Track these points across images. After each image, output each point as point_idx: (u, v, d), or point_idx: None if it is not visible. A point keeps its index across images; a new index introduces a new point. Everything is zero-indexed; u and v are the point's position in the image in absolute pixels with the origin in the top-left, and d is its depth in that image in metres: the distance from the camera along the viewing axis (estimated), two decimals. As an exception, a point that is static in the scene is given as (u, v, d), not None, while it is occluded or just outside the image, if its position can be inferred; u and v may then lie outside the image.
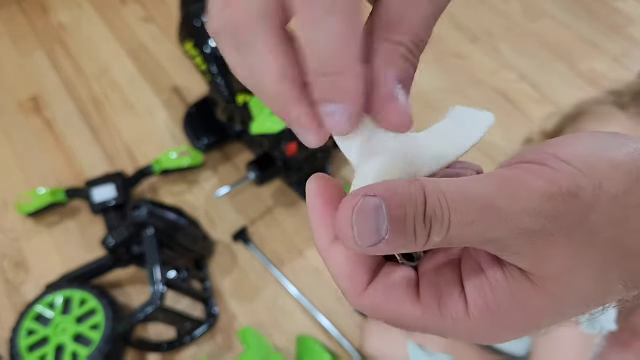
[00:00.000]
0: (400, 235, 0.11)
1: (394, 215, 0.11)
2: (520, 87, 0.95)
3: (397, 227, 0.11)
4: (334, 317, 0.69)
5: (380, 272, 0.13)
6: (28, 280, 0.75)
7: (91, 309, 0.65)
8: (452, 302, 0.12)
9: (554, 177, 0.11)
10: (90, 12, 1.13)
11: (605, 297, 0.12)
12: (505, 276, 0.12)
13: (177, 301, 0.70)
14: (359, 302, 0.13)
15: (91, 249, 0.77)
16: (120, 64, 1.03)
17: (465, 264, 0.13)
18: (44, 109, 0.96)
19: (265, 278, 0.73)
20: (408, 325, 0.13)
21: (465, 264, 0.13)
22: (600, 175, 0.11)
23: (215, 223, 0.80)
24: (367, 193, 0.11)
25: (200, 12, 0.75)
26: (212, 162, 0.87)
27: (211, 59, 0.74)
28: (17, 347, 0.62)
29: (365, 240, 0.11)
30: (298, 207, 0.80)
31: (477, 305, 0.12)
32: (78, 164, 0.88)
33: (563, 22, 1.04)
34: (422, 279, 0.13)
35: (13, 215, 0.82)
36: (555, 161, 0.11)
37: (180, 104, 0.95)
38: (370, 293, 0.13)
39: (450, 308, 0.12)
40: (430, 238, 0.11)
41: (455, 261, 0.13)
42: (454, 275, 0.13)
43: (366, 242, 0.11)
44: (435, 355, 0.53)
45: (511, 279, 0.12)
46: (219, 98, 0.76)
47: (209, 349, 0.68)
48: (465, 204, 0.11)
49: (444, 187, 0.11)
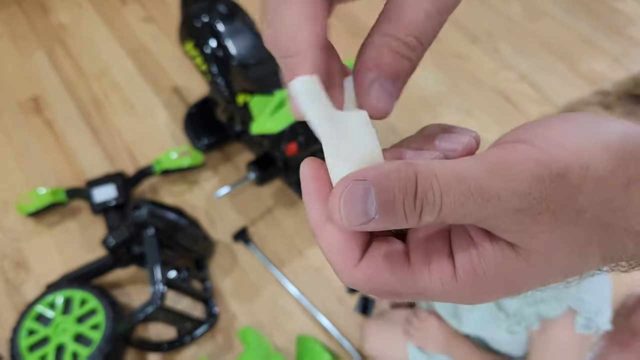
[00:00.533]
0: (390, 216, 0.11)
1: (382, 199, 0.11)
2: (520, 87, 0.95)
3: (385, 209, 0.11)
4: (333, 317, 0.69)
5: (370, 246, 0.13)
6: (28, 280, 0.75)
7: (91, 308, 0.65)
8: (441, 266, 0.13)
9: (543, 159, 0.11)
10: (90, 12, 1.13)
11: (582, 268, 0.13)
12: (493, 246, 0.12)
13: (177, 301, 0.70)
14: (352, 276, 0.13)
15: (91, 248, 0.77)
16: (120, 64, 1.03)
17: (454, 233, 0.13)
18: (44, 109, 0.96)
19: (265, 278, 0.73)
20: (400, 292, 0.13)
21: (455, 233, 0.13)
22: (588, 157, 0.12)
23: (216, 223, 0.80)
24: (357, 177, 0.11)
25: (200, 13, 0.75)
26: (212, 162, 0.87)
27: (211, 59, 0.74)
28: (17, 346, 0.62)
29: (353, 221, 0.11)
30: (298, 207, 0.81)
31: (465, 269, 0.12)
32: (78, 164, 0.88)
33: (563, 22, 1.04)
34: (412, 247, 0.13)
35: (13, 215, 0.82)
36: (545, 142, 0.12)
37: (181, 104, 0.95)
38: (362, 266, 0.13)
39: (440, 272, 0.13)
40: (422, 218, 0.11)
41: (445, 231, 0.13)
42: (443, 243, 0.13)
43: (354, 222, 0.11)
44: (434, 357, 0.53)
45: (498, 249, 0.12)
46: (219, 98, 0.76)
47: (209, 349, 0.68)
48: (457, 186, 0.11)
49: (436, 169, 0.11)
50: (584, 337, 0.39)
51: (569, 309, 0.39)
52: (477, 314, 0.47)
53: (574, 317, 0.39)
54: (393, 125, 0.89)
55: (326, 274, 0.74)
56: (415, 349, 0.55)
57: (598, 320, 0.38)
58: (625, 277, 0.64)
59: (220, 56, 0.74)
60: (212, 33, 0.74)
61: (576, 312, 0.39)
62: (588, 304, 0.38)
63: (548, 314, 0.39)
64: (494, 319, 0.45)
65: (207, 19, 0.74)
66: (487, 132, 0.88)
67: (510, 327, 0.43)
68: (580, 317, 0.38)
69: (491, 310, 0.45)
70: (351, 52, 0.58)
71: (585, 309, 0.38)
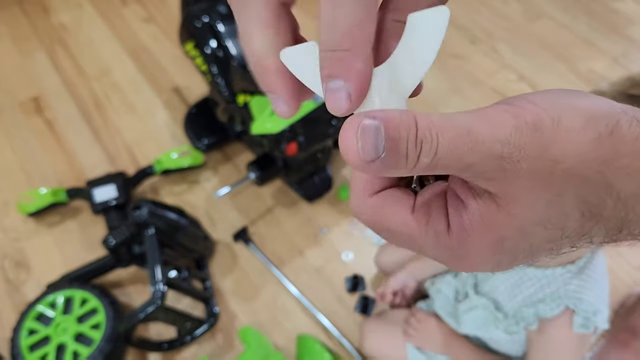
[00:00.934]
0: (395, 153, 0.13)
1: (390, 135, 0.12)
2: (520, 87, 0.95)
3: (392, 145, 0.12)
4: (333, 316, 0.69)
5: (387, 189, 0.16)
6: (29, 280, 0.75)
7: (92, 308, 0.65)
8: (437, 220, 0.15)
9: (520, 113, 0.13)
10: (91, 12, 1.13)
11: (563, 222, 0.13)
12: (477, 201, 0.14)
13: (178, 301, 0.71)
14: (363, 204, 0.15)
15: (92, 248, 0.78)
16: (121, 65, 1.03)
17: (449, 195, 0.15)
18: (45, 109, 0.97)
19: (266, 277, 0.73)
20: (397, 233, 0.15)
21: (449, 195, 0.15)
22: (559, 112, 0.13)
23: (216, 223, 0.80)
24: (368, 116, 0.12)
25: (200, 13, 0.75)
26: (212, 162, 0.87)
27: (211, 59, 0.74)
28: (18, 346, 0.63)
29: (367, 154, 0.12)
30: (298, 207, 0.81)
31: (455, 224, 0.14)
32: (79, 164, 0.89)
33: (562, 22, 1.05)
34: (418, 201, 0.15)
35: (14, 215, 0.82)
36: (522, 101, 0.13)
37: (181, 104, 0.96)
38: (374, 198, 0.15)
39: (436, 224, 0.15)
40: (420, 159, 0.13)
41: (443, 193, 0.15)
42: (441, 202, 0.15)
43: (367, 156, 0.12)
44: (433, 357, 0.54)
45: (481, 202, 0.14)
46: (220, 98, 0.76)
47: (210, 348, 0.68)
48: (450, 129, 0.12)
49: (432, 117, 0.13)
50: (582, 337, 0.40)
51: (567, 309, 0.39)
52: (475, 314, 0.47)
53: (572, 316, 0.39)
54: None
55: (326, 273, 0.74)
56: (414, 349, 0.55)
57: (596, 319, 0.38)
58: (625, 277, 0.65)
59: (221, 56, 0.74)
60: (213, 33, 0.74)
61: (574, 312, 0.39)
62: (586, 304, 0.39)
63: (546, 313, 0.40)
64: (492, 319, 0.45)
65: (208, 19, 0.74)
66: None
67: (508, 327, 0.43)
68: (578, 317, 0.38)
69: (489, 310, 0.45)
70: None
71: (583, 308, 0.38)
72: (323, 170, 0.80)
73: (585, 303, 0.39)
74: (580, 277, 0.40)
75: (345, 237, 0.77)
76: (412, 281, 0.61)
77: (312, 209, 0.80)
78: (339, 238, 0.77)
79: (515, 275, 0.43)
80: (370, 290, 0.71)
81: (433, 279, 0.57)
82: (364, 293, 0.70)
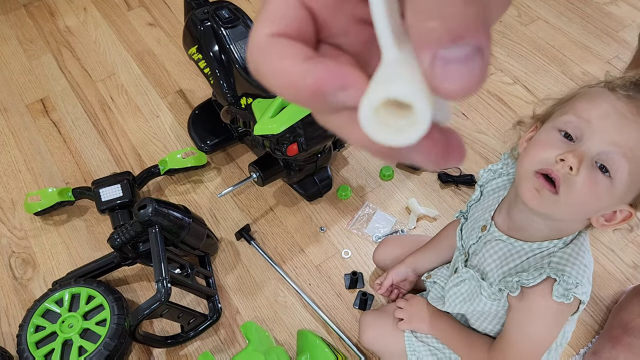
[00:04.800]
0: None
1: None
2: (514, 90, 0.97)
3: None
4: (333, 312, 0.70)
5: None
6: (36, 277, 0.77)
7: (98, 305, 0.67)
8: None
9: None
10: (97, 16, 1.16)
11: None
12: None
13: (182, 297, 0.72)
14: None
15: (98, 246, 0.79)
16: (126, 67, 1.05)
17: None
18: (51, 111, 0.98)
19: (267, 274, 0.75)
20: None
21: None
22: None
23: (219, 221, 0.82)
24: None
25: (203, 17, 0.77)
26: (216, 163, 0.89)
27: (214, 62, 0.76)
28: (24, 342, 0.64)
29: None
30: (299, 206, 0.82)
31: None
32: (85, 165, 0.90)
33: (556, 26, 1.07)
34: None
35: (21, 213, 0.84)
36: None
37: (185, 106, 0.98)
38: None
39: None
40: None
41: None
42: None
43: None
44: (429, 344, 0.55)
45: None
46: (223, 100, 0.78)
47: (213, 343, 0.69)
48: None
49: None
50: (560, 306, 0.40)
51: (549, 278, 0.39)
52: (462, 287, 0.48)
53: (552, 285, 0.39)
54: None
55: (326, 270, 0.75)
56: (412, 337, 0.56)
57: (577, 291, 0.39)
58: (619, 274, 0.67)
59: (223, 59, 0.76)
60: (215, 37, 0.76)
61: (555, 281, 0.39)
62: (568, 275, 0.39)
63: (528, 282, 0.40)
64: (478, 287, 0.46)
65: (210, 23, 0.76)
66: (482, 134, 0.91)
67: (492, 294, 0.44)
68: (558, 286, 0.39)
69: (475, 279, 0.46)
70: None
71: (565, 279, 0.39)
72: (323, 170, 0.81)
73: (567, 274, 0.39)
74: (565, 251, 0.40)
75: (344, 235, 0.78)
76: (411, 274, 0.62)
77: (313, 208, 0.82)
78: (339, 236, 0.78)
79: (504, 248, 0.44)
80: (369, 286, 0.73)
81: (430, 272, 0.59)
82: (362, 289, 0.72)
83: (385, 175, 0.84)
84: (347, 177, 0.85)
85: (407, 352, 0.55)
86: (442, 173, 0.84)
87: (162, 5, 1.17)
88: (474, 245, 0.47)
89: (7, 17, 1.16)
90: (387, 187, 0.83)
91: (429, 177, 0.85)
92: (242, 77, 0.72)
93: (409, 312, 0.57)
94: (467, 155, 0.87)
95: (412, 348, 0.56)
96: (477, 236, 0.47)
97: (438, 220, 0.79)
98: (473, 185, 0.83)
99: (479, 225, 0.47)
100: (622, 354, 0.61)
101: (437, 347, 0.55)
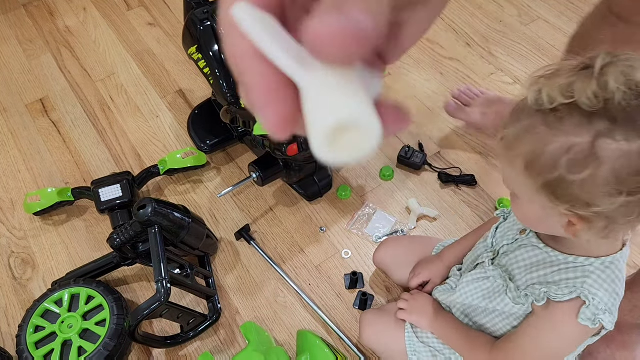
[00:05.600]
0: None
1: None
2: (514, 90, 0.97)
3: None
4: (333, 312, 0.70)
5: None
6: (35, 278, 0.77)
7: (97, 305, 0.67)
8: None
9: None
10: (96, 16, 1.16)
11: None
12: None
13: (182, 297, 0.72)
14: None
15: (98, 247, 0.79)
16: (125, 67, 1.05)
17: None
18: (51, 111, 0.98)
19: (267, 274, 0.75)
20: None
21: None
22: None
23: (219, 221, 0.82)
24: None
25: (203, 17, 0.77)
26: (215, 163, 0.89)
27: (214, 62, 0.76)
28: (24, 342, 0.64)
29: None
30: (299, 206, 0.82)
31: None
32: (85, 165, 0.90)
33: (556, 25, 1.07)
34: None
35: (21, 213, 0.84)
36: None
37: (185, 106, 0.98)
38: None
39: None
40: None
41: None
42: None
43: None
44: (429, 342, 0.55)
45: None
46: (222, 100, 0.78)
47: (212, 344, 0.69)
48: None
49: None
50: (583, 330, 0.39)
51: (578, 298, 0.38)
52: (485, 284, 0.47)
53: (580, 307, 0.38)
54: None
55: (326, 271, 0.75)
56: (413, 337, 0.56)
57: (604, 318, 0.38)
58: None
59: (223, 59, 0.76)
60: (215, 37, 0.76)
61: (584, 304, 0.38)
62: (599, 300, 0.38)
63: (557, 297, 0.39)
64: (504, 288, 0.45)
65: (210, 23, 0.76)
66: (483, 133, 0.91)
67: (517, 297, 0.43)
68: (587, 310, 0.38)
69: (503, 279, 0.45)
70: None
71: (595, 304, 0.38)
72: (323, 170, 0.81)
73: (598, 300, 0.38)
74: (601, 275, 0.39)
75: (344, 235, 0.78)
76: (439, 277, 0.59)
77: (312, 208, 0.82)
78: (339, 236, 0.78)
79: (539, 255, 0.43)
80: (369, 287, 0.73)
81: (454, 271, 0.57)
82: (362, 290, 0.72)
83: (385, 175, 0.84)
84: (347, 177, 0.85)
85: (407, 352, 0.55)
86: (443, 173, 0.83)
87: (161, 5, 1.17)
88: (507, 246, 0.47)
89: (6, 17, 1.16)
90: (387, 187, 0.83)
91: (429, 177, 0.85)
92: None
93: (411, 304, 0.56)
94: (467, 157, 0.87)
95: (412, 348, 0.56)
96: (514, 238, 0.46)
97: (438, 220, 0.79)
98: (473, 185, 0.83)
99: (519, 228, 0.46)
100: (617, 352, 0.60)
101: (438, 349, 0.54)
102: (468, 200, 0.82)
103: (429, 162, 0.85)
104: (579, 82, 0.30)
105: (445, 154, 0.87)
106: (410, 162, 0.84)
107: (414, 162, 0.83)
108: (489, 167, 0.85)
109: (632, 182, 0.31)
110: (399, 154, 0.85)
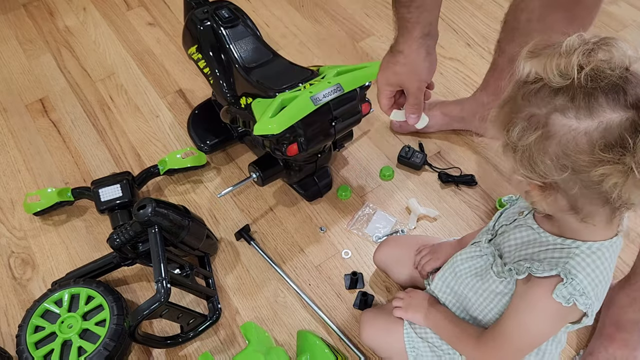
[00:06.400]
0: None
1: None
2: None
3: None
4: (333, 312, 0.70)
5: None
6: (35, 278, 0.77)
7: (97, 305, 0.67)
8: None
9: None
10: (96, 16, 1.16)
11: None
12: None
13: (182, 297, 0.72)
14: None
15: (97, 247, 0.79)
16: (125, 67, 1.05)
17: None
18: (51, 111, 0.98)
19: (267, 274, 0.75)
20: None
21: None
22: None
23: (219, 221, 0.82)
24: None
25: (203, 17, 0.77)
26: (215, 163, 0.89)
27: (214, 62, 0.76)
28: (23, 343, 0.64)
29: None
30: (299, 206, 0.82)
31: None
32: (84, 165, 0.90)
33: (557, 26, 1.07)
34: None
35: (21, 214, 0.84)
36: None
37: (185, 106, 0.98)
38: None
39: None
40: None
41: None
42: None
43: None
44: (428, 339, 0.55)
45: None
46: (222, 100, 0.78)
47: (212, 344, 0.69)
48: None
49: None
50: (556, 308, 0.39)
51: (557, 276, 0.39)
52: (477, 262, 0.49)
53: (557, 283, 0.39)
54: (391, 127, 0.91)
55: (326, 271, 0.75)
56: (411, 333, 0.56)
57: (579, 299, 0.38)
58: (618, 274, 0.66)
59: (223, 59, 0.76)
60: (215, 37, 0.76)
61: (562, 281, 0.39)
62: (577, 282, 0.38)
63: (537, 272, 0.40)
64: (491, 264, 0.46)
65: (210, 23, 0.76)
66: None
67: (501, 272, 0.44)
68: (562, 287, 0.39)
69: (492, 255, 0.47)
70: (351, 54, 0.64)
71: (573, 284, 0.38)
72: (323, 170, 0.81)
73: (577, 281, 0.38)
74: (585, 259, 0.39)
75: (344, 235, 0.78)
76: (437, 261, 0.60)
77: (313, 208, 0.82)
78: (339, 236, 0.78)
79: (531, 235, 0.44)
80: (369, 287, 0.73)
81: None
82: (362, 290, 0.72)
83: (385, 175, 0.84)
84: (347, 177, 0.85)
85: (406, 348, 0.55)
86: (443, 173, 0.84)
87: (161, 5, 1.17)
88: (505, 226, 0.48)
89: (6, 17, 1.16)
90: (387, 187, 0.83)
91: (429, 177, 0.85)
92: (242, 77, 0.72)
93: (407, 302, 0.57)
94: (467, 157, 0.87)
95: (411, 344, 0.56)
96: (513, 219, 0.48)
97: (438, 220, 0.79)
98: (473, 185, 0.83)
99: (518, 210, 0.48)
100: (618, 351, 0.60)
101: (436, 344, 0.55)
102: (468, 200, 0.82)
103: (429, 162, 0.85)
104: (550, 59, 0.33)
105: (445, 154, 0.87)
106: (410, 162, 0.84)
107: (414, 162, 0.84)
108: (489, 167, 0.85)
109: (578, 160, 0.33)
110: (399, 154, 0.85)
